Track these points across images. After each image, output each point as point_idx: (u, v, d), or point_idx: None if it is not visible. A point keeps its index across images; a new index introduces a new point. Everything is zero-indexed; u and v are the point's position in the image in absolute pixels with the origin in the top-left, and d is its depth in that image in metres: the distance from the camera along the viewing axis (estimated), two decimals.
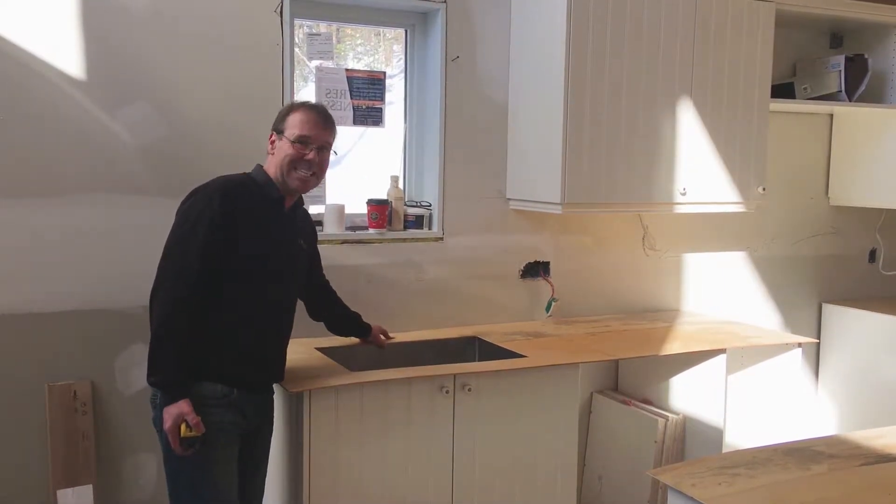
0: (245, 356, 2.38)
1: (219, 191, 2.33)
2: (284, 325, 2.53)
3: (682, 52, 3.34)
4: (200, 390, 2.30)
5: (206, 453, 2.29)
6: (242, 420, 2.40)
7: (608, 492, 3.56)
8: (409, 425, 2.69)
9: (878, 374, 4.04)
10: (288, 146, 2.41)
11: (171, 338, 2.24)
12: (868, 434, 2.26)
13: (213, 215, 2.27)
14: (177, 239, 2.30)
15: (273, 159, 2.44)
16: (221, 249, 2.28)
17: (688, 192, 3.40)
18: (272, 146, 2.45)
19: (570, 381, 2.94)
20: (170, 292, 2.25)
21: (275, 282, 2.42)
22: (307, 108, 2.47)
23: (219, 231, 2.27)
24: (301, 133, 2.41)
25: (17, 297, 2.79)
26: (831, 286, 4.35)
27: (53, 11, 2.77)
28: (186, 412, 2.23)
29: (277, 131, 2.45)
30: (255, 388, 2.44)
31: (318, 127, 2.44)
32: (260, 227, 2.38)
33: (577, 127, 3.16)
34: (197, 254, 2.25)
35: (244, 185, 2.41)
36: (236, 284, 2.33)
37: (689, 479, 1.89)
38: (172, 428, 2.23)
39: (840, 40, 4.14)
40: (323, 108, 2.50)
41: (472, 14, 3.38)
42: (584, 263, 3.71)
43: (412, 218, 3.41)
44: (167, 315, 2.24)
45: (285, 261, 2.47)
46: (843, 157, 4.22)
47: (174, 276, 2.26)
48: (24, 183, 2.78)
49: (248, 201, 2.37)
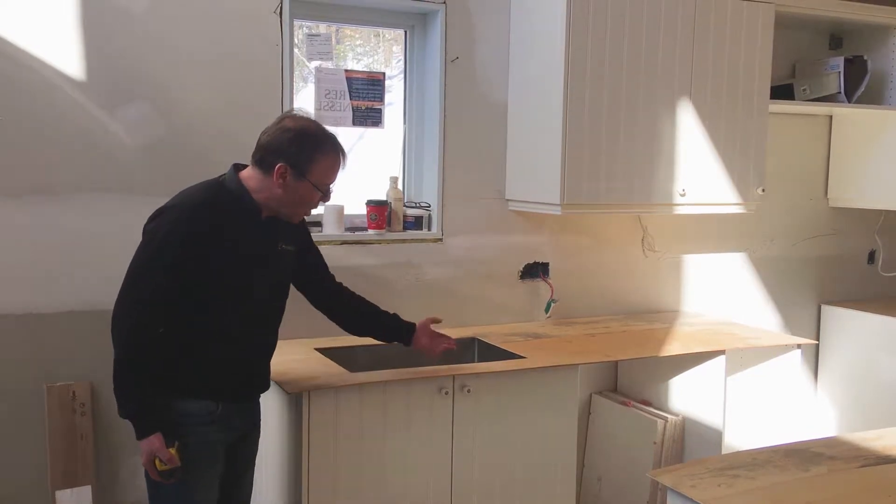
0: (227, 370, 2.29)
1: (186, 210, 2.20)
2: (267, 336, 2.42)
3: (682, 53, 3.34)
4: (185, 408, 2.23)
5: (188, 477, 2.22)
6: (229, 434, 2.33)
7: (607, 493, 3.56)
8: (409, 426, 2.68)
9: (878, 376, 4.04)
10: (311, 193, 2.27)
11: (133, 369, 2.14)
12: (867, 435, 2.26)
13: (180, 236, 2.15)
14: (140, 262, 2.18)
15: (281, 196, 2.25)
16: (191, 267, 2.17)
17: (687, 193, 3.40)
18: (281, 181, 2.22)
19: (569, 382, 2.94)
20: (129, 320, 2.14)
21: (252, 293, 2.30)
22: (336, 151, 2.30)
23: (187, 250, 2.15)
24: (332, 181, 2.29)
25: (16, 297, 2.79)
26: (830, 287, 4.35)
27: (52, 11, 2.77)
28: (157, 449, 2.15)
29: (296, 170, 2.23)
30: (241, 400, 2.37)
31: (342, 168, 2.33)
32: (232, 241, 2.23)
33: (577, 128, 3.16)
34: (162, 276, 2.14)
35: (215, 197, 2.24)
36: (211, 299, 2.22)
37: (688, 480, 1.89)
38: (148, 463, 2.17)
39: (839, 42, 4.14)
40: (343, 148, 2.35)
41: (472, 15, 3.38)
42: (584, 264, 3.71)
43: (411, 219, 3.41)
44: (127, 345, 2.14)
45: (263, 270, 2.33)
46: (843, 158, 4.22)
47: (134, 303, 2.15)
48: (23, 183, 2.78)
49: (217, 216, 2.22)
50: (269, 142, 2.25)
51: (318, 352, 2.94)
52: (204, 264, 2.19)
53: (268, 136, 2.27)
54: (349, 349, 3.01)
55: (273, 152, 2.23)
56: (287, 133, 2.24)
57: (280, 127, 2.26)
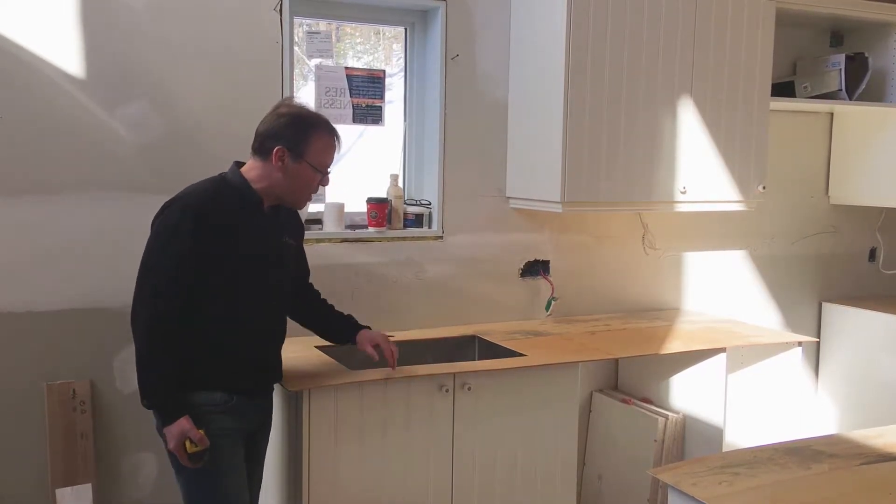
0: (240, 361, 2.34)
1: (192, 204, 2.25)
2: (277, 327, 2.48)
3: (683, 50, 3.33)
4: (199, 399, 2.28)
5: (214, 462, 2.27)
6: (245, 423, 2.38)
7: (608, 491, 3.55)
8: (409, 424, 2.68)
9: (878, 373, 4.03)
10: (311, 175, 2.33)
11: (155, 361, 2.20)
12: (868, 433, 2.25)
13: (188, 229, 2.21)
14: (152, 257, 2.24)
15: (282, 180, 2.31)
16: (201, 257, 2.22)
17: (688, 191, 3.40)
18: (280, 164, 2.29)
19: (569, 380, 2.94)
20: (148, 314, 2.20)
21: (261, 285, 2.36)
22: (330, 132, 2.36)
23: (195, 244, 2.21)
24: (329, 161, 2.35)
25: (16, 295, 2.79)
26: (831, 285, 4.35)
27: (52, 9, 2.76)
28: (187, 429, 2.20)
29: (293, 152, 2.30)
30: (254, 392, 2.42)
31: (337, 150, 2.39)
32: (238, 231, 2.29)
33: (577, 125, 3.15)
34: (174, 270, 2.20)
35: (218, 193, 2.31)
36: (222, 292, 2.28)
37: (689, 478, 1.89)
38: (177, 447, 2.21)
39: (840, 39, 4.13)
40: (337, 131, 2.41)
41: (472, 12, 3.38)
42: (584, 262, 3.71)
43: (412, 216, 3.41)
44: (149, 339, 2.19)
45: (269, 260, 2.39)
46: (844, 155, 4.22)
47: (151, 297, 2.20)
48: (22, 181, 2.77)
49: (222, 211, 2.27)
50: (266, 128, 2.33)
51: (317, 350, 2.93)
52: (213, 254, 2.25)
53: (264, 124, 2.35)
54: (349, 347, 3.00)
55: (270, 137, 2.31)
56: (282, 118, 2.33)
57: (276, 114, 2.35)
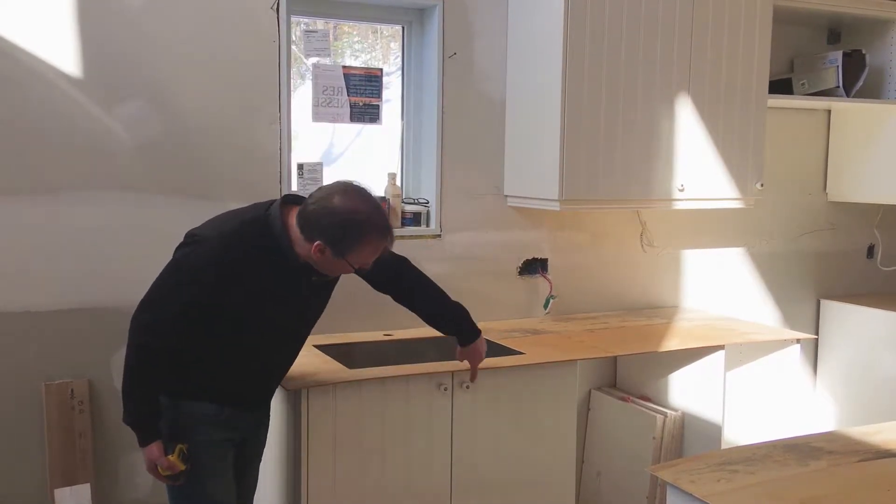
0: (238, 386, 2.32)
1: (219, 247, 2.16)
2: (286, 358, 2.44)
3: (680, 47, 3.33)
4: (190, 409, 2.26)
5: (200, 469, 2.26)
6: (235, 433, 2.36)
7: (607, 488, 3.56)
8: (408, 422, 2.68)
9: (877, 370, 4.04)
10: (347, 268, 2.23)
11: (138, 384, 2.18)
12: (867, 430, 2.26)
13: (208, 282, 2.14)
14: (162, 291, 2.18)
15: (317, 261, 2.19)
16: (212, 308, 2.18)
17: (686, 188, 3.40)
18: (319, 254, 2.15)
19: (568, 378, 2.94)
20: (141, 337, 2.16)
21: (275, 327, 2.29)
22: (382, 240, 2.21)
23: (210, 295, 2.16)
24: (371, 260, 2.23)
25: (14, 295, 2.79)
26: (829, 282, 4.35)
27: (50, 9, 2.76)
28: (156, 458, 2.18)
29: (335, 249, 2.14)
30: (248, 406, 2.39)
31: (388, 245, 2.26)
32: (261, 279, 2.19)
33: (575, 123, 3.15)
34: (179, 314, 2.15)
35: (253, 235, 2.18)
36: (231, 329, 2.23)
37: (687, 475, 1.89)
38: (150, 469, 2.22)
39: (838, 36, 4.13)
40: (390, 228, 2.24)
41: (470, 10, 3.38)
42: (582, 260, 3.71)
43: (410, 215, 3.41)
44: (136, 362, 2.17)
45: (290, 306, 2.30)
46: (841, 152, 4.22)
47: (148, 323, 2.16)
48: (20, 180, 2.77)
49: (251, 254, 2.17)
50: (315, 217, 2.15)
51: (316, 348, 2.94)
52: (228, 299, 2.18)
53: (315, 206, 2.16)
54: (348, 346, 3.01)
55: (315, 229, 2.15)
56: (333, 217, 2.13)
57: (327, 206, 2.15)
